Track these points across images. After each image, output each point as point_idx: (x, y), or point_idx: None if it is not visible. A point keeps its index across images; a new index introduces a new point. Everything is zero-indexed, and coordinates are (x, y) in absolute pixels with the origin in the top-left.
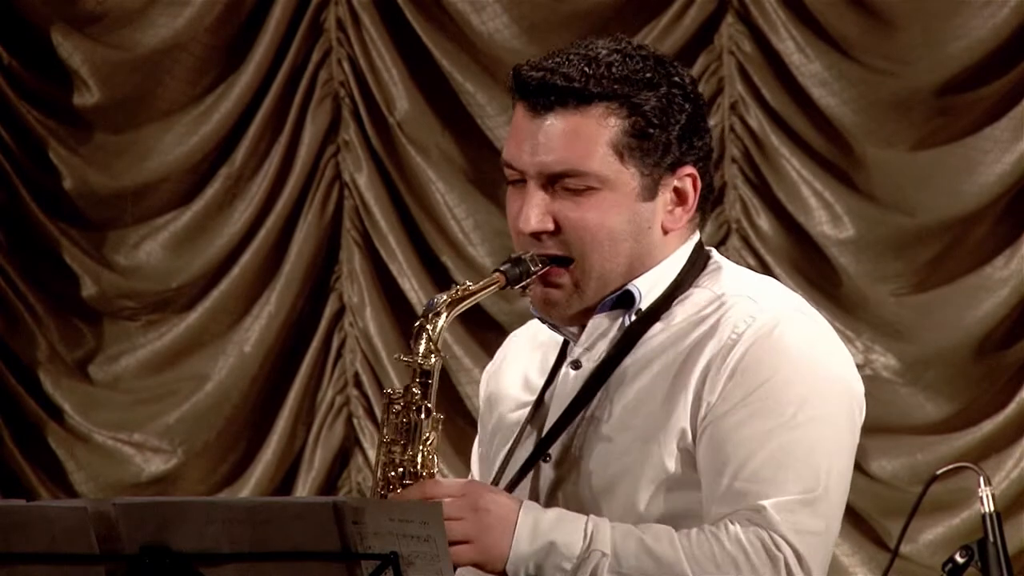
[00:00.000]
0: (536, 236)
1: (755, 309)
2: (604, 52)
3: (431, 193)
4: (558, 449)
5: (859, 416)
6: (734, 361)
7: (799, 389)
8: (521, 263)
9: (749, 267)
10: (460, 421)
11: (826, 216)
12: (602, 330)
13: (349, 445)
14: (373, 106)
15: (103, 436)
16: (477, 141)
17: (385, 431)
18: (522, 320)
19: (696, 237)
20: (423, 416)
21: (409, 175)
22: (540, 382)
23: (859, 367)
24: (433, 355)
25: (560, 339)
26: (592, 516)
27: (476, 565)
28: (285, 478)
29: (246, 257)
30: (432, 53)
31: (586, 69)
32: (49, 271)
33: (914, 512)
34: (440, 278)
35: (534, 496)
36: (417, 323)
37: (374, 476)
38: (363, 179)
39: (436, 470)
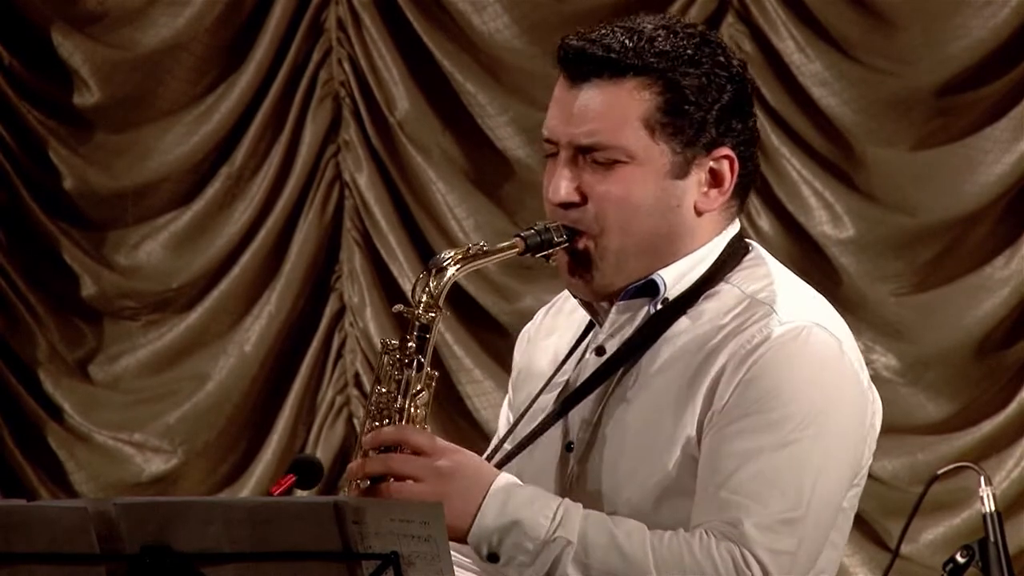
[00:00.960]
0: (564, 207)
1: (773, 321)
2: (650, 27)
3: (432, 193)
4: (580, 441)
5: (869, 429)
6: (742, 372)
7: (800, 407)
8: (546, 232)
9: None
10: (461, 422)
11: (826, 216)
12: (626, 318)
13: (350, 445)
14: (374, 106)
15: (103, 436)
16: (478, 141)
17: (377, 382)
18: (524, 320)
19: (735, 227)
20: (415, 370)
21: (410, 175)
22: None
23: None
24: (433, 310)
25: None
26: (566, 500)
27: None
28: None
29: (246, 257)
30: (433, 53)
31: (627, 42)
32: (49, 271)
33: (915, 512)
34: None
35: (560, 486)
36: (420, 274)
37: (361, 427)
38: (363, 179)
39: (425, 427)
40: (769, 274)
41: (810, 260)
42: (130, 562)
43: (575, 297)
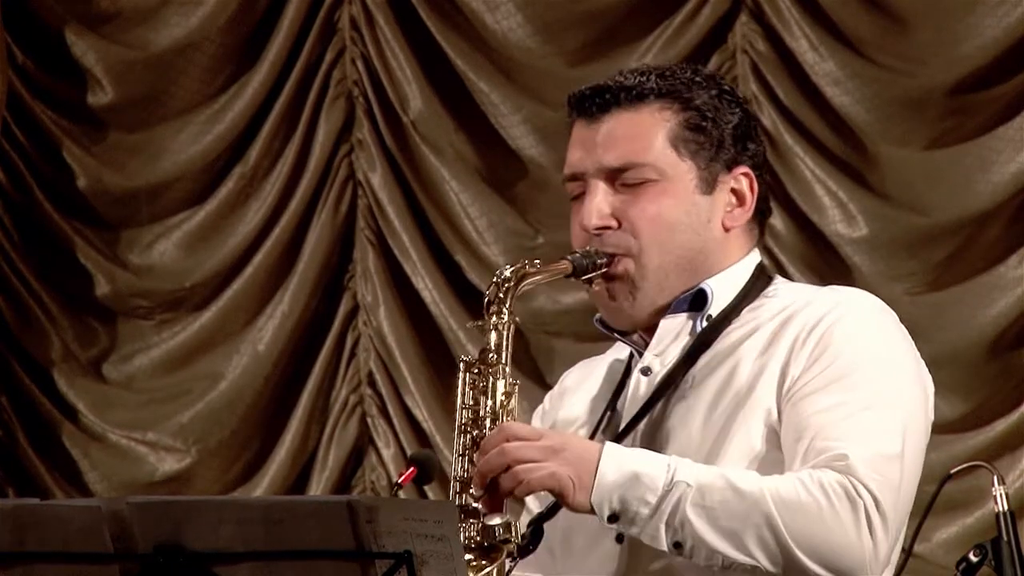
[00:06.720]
0: (598, 233)
1: (838, 296)
2: (654, 67)
3: (445, 192)
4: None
5: (932, 403)
6: (817, 337)
7: (881, 365)
8: (589, 256)
9: None
10: None
11: (840, 215)
12: (674, 333)
13: (363, 444)
14: (387, 105)
15: (117, 435)
16: (491, 140)
17: (462, 396)
18: (537, 320)
19: (757, 255)
20: (500, 377)
21: (423, 174)
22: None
23: None
24: (506, 316)
25: (622, 358)
26: (674, 455)
27: (561, 495)
28: (299, 477)
29: (260, 256)
30: (446, 52)
31: (638, 75)
32: (63, 270)
33: (928, 511)
34: (454, 277)
35: None
36: (488, 289)
37: (456, 439)
38: (377, 178)
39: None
40: (803, 286)
41: (823, 259)
42: (143, 561)
43: (611, 332)
